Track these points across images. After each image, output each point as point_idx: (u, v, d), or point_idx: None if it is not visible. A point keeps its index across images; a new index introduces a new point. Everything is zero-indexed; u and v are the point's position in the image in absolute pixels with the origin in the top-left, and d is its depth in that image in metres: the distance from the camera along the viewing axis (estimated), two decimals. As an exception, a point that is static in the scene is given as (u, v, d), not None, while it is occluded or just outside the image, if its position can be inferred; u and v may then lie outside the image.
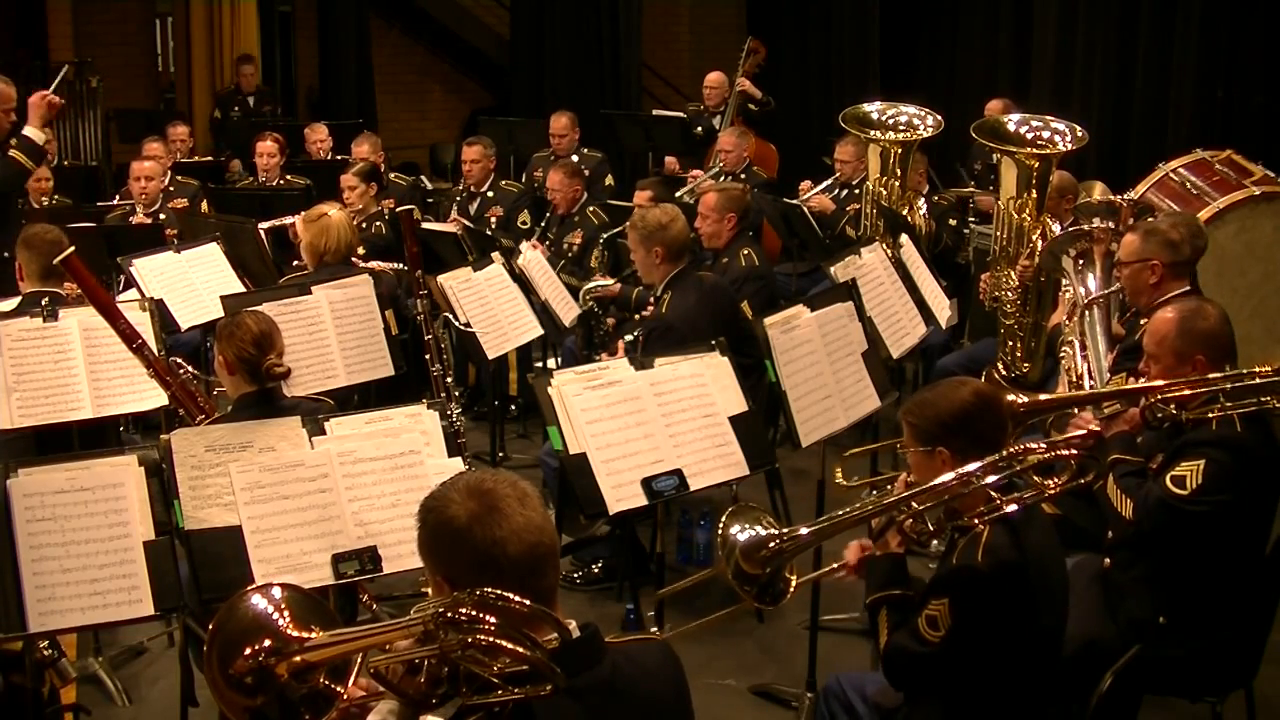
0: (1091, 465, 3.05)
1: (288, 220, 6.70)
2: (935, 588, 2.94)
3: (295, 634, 2.11)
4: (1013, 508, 2.90)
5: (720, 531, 3.05)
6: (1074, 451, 3.02)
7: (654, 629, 3.56)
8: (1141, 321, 3.82)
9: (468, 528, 2.05)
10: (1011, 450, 2.94)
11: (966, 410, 2.97)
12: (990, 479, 2.91)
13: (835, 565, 3.22)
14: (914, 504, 3.02)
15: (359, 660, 2.14)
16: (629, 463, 3.78)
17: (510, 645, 1.93)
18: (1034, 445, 2.99)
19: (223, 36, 11.69)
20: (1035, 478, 2.96)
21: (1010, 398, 3.65)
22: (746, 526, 3.03)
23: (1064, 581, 3.09)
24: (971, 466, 2.92)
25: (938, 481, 2.96)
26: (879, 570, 3.11)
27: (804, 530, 3.04)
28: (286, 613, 2.14)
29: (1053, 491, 2.97)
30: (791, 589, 3.06)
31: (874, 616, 3.10)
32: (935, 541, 3.25)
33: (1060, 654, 3.11)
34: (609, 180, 8.61)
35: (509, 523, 2.05)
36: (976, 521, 2.91)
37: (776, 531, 3.01)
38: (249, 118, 10.76)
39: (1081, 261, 4.71)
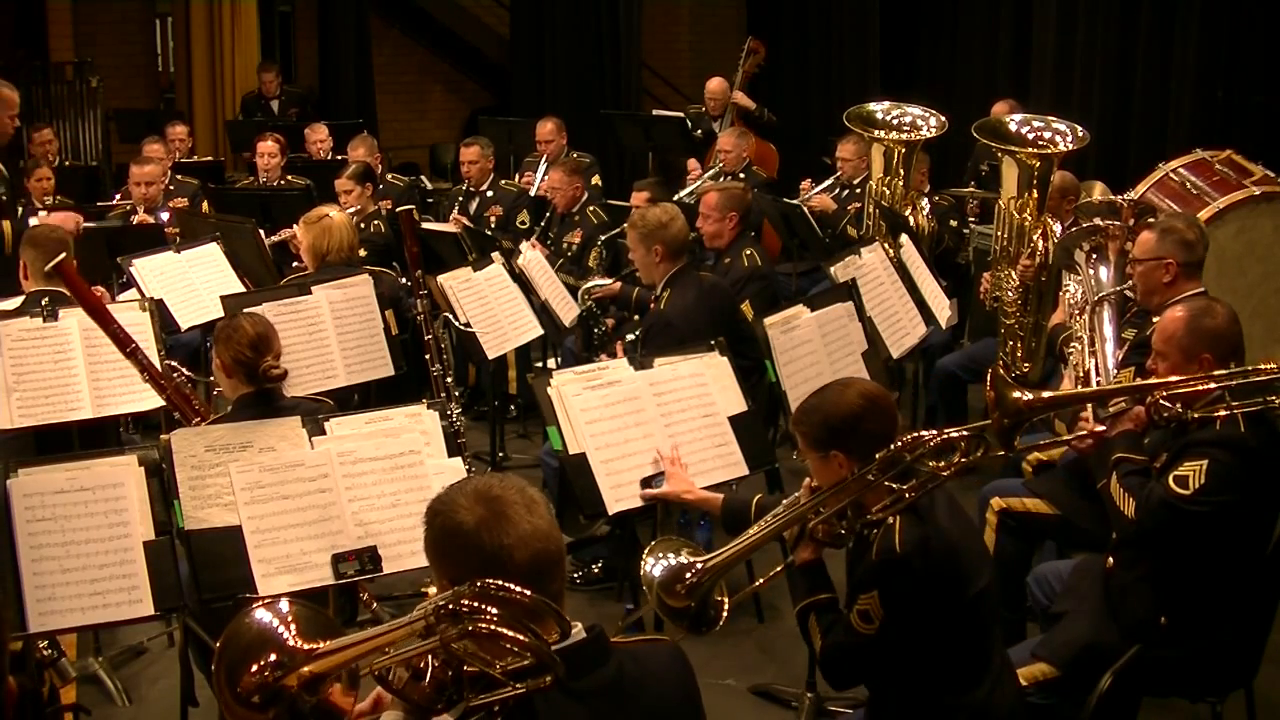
0: (979, 442, 3.07)
1: (288, 233, 6.70)
2: (862, 583, 2.99)
3: (301, 646, 2.11)
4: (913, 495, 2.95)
5: (641, 568, 3.09)
6: (962, 434, 3.05)
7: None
8: (1154, 319, 3.81)
9: (475, 533, 2.05)
10: (901, 442, 2.98)
11: (854, 412, 3.01)
12: (887, 472, 2.96)
13: (779, 569, 3.26)
14: (821, 509, 3.06)
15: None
16: (628, 463, 3.79)
17: (510, 633, 1.92)
18: (923, 434, 3.02)
19: (223, 36, 11.69)
20: (930, 463, 3.00)
21: (1016, 395, 3.64)
22: (661, 558, 3.08)
23: (983, 545, 3.21)
24: (866, 464, 2.97)
25: (838, 483, 3.02)
26: (800, 580, 3.16)
27: (718, 556, 3.09)
28: (292, 626, 2.14)
29: (947, 473, 3.00)
30: (724, 612, 3.11)
31: (804, 625, 3.14)
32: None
33: (998, 610, 3.19)
34: (596, 180, 8.60)
35: (516, 529, 2.05)
36: (885, 515, 2.96)
37: (691, 561, 3.06)
38: (272, 123, 10.66)
39: (1095, 256, 4.70)
